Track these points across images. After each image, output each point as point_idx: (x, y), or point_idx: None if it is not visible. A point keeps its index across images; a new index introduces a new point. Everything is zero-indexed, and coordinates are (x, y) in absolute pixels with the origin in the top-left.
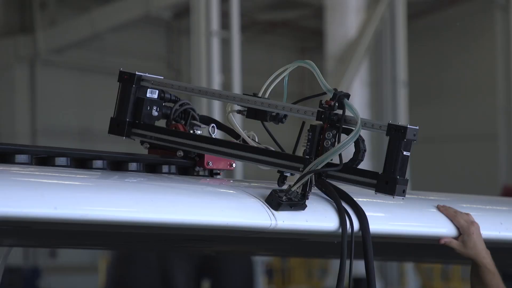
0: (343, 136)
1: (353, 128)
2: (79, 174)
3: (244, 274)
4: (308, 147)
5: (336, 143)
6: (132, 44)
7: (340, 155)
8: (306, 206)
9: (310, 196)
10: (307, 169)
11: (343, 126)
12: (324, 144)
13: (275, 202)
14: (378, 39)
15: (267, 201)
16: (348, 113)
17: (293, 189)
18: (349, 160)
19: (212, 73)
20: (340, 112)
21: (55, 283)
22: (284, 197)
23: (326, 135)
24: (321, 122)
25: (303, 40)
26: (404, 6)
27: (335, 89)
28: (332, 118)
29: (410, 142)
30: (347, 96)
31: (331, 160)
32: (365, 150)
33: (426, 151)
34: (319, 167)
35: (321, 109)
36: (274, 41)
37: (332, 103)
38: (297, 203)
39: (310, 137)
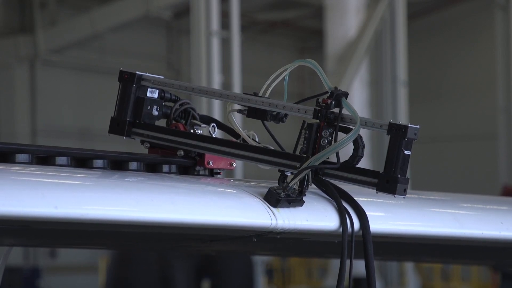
0: (341, 134)
1: (351, 127)
2: (79, 174)
3: (244, 274)
4: (304, 145)
5: (333, 141)
6: (132, 44)
7: (337, 154)
8: (304, 202)
9: (311, 196)
10: (304, 165)
11: (341, 124)
12: (321, 142)
13: (273, 198)
14: (378, 39)
15: (265, 198)
16: (347, 112)
17: (290, 184)
18: (349, 157)
19: (212, 73)
20: (337, 110)
21: (55, 283)
22: (282, 194)
23: (323, 134)
24: (318, 121)
25: (303, 40)
26: (404, 6)
27: (336, 88)
28: (329, 117)
29: (411, 141)
30: (345, 94)
31: (328, 158)
32: (363, 146)
33: (426, 151)
34: (316, 163)
35: (317, 108)
36: (274, 41)
37: (329, 101)
38: (295, 199)
39: (306, 135)
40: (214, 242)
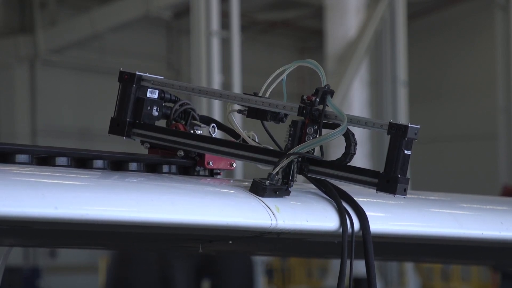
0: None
1: (339, 123)
2: (79, 174)
3: (244, 274)
4: (289, 142)
5: (316, 136)
6: (132, 44)
7: (321, 148)
8: (290, 192)
9: (311, 196)
10: (290, 152)
11: (329, 121)
12: (306, 139)
13: (260, 188)
14: (378, 39)
15: (251, 190)
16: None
17: (273, 172)
18: (341, 155)
19: (212, 73)
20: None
21: (55, 283)
22: (267, 182)
23: (307, 130)
24: (303, 118)
25: (303, 40)
26: (404, 6)
27: (327, 86)
28: (313, 114)
29: (411, 141)
30: (330, 92)
31: (313, 152)
32: (356, 143)
33: (426, 151)
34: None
35: (302, 105)
36: (274, 41)
37: (314, 98)
38: (281, 188)
39: (291, 132)
40: (214, 242)
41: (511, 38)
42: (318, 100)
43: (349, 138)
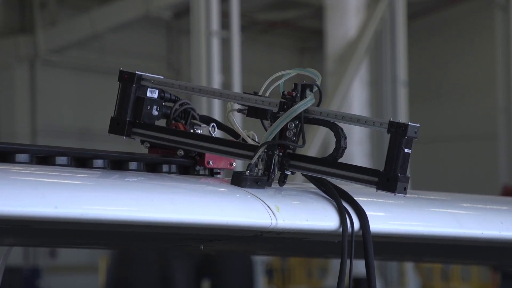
0: (325, 128)
1: (318, 117)
2: (79, 173)
3: (244, 274)
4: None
5: (298, 131)
6: (132, 44)
7: (303, 135)
8: (271, 183)
9: (311, 196)
10: (262, 143)
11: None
12: (287, 134)
13: (241, 178)
14: (378, 39)
15: (232, 182)
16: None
17: (252, 162)
18: (333, 150)
19: (212, 73)
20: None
21: (55, 283)
22: (247, 172)
23: (288, 125)
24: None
25: (303, 40)
26: (404, 6)
27: (312, 83)
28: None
29: (411, 140)
30: (310, 86)
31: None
32: (345, 137)
33: (426, 151)
34: (269, 138)
35: (283, 100)
36: (274, 41)
37: (294, 94)
38: (261, 178)
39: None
40: (214, 242)
41: (511, 38)
42: (299, 95)
43: (338, 134)
